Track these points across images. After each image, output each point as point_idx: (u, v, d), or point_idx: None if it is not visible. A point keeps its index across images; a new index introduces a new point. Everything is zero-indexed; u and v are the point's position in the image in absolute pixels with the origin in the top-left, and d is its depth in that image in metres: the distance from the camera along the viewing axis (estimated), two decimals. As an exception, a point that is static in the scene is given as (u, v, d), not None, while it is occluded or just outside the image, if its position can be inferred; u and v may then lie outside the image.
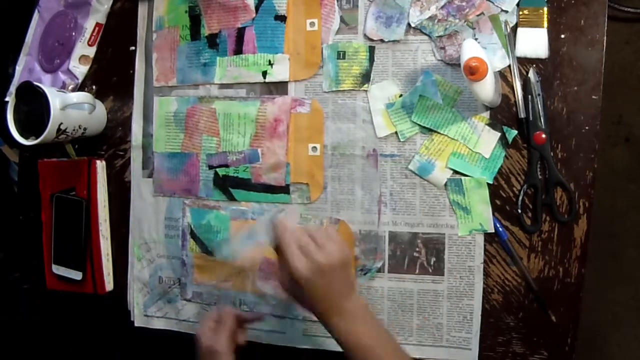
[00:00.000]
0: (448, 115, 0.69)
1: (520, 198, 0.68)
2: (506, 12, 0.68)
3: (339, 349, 0.76)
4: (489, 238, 0.70)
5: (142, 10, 0.82)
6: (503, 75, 0.68)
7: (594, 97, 0.66)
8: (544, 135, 0.66)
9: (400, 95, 0.71)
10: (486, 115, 0.69)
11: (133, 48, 0.82)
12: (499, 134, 0.68)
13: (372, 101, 0.72)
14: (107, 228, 0.83)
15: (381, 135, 0.72)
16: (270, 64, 0.75)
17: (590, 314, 1.34)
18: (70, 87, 0.83)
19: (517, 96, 0.67)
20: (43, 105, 0.72)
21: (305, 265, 0.54)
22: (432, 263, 0.71)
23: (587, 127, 0.66)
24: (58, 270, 0.83)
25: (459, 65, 0.61)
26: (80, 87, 0.84)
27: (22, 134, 0.75)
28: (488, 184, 0.69)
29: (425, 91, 0.70)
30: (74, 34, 0.82)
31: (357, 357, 0.56)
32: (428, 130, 0.70)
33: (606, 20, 0.66)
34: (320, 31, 0.73)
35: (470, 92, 0.68)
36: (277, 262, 0.58)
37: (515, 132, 0.68)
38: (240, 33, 0.76)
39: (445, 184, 0.70)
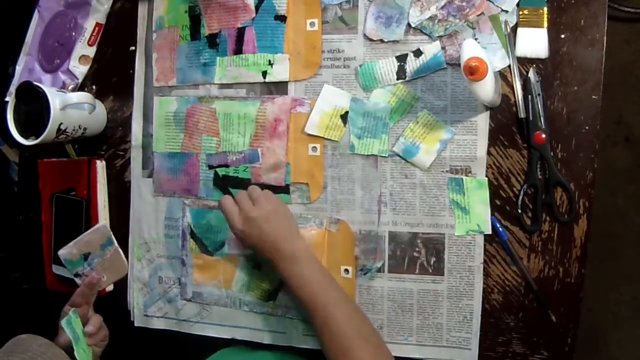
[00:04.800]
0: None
1: (520, 198, 0.68)
2: (506, 12, 0.68)
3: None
4: (489, 238, 0.70)
5: (142, 10, 0.82)
6: (503, 75, 0.69)
7: (594, 97, 0.66)
8: (544, 135, 0.66)
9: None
10: (486, 115, 0.69)
11: (133, 48, 0.82)
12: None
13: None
14: (107, 228, 0.83)
15: (381, 135, 0.72)
16: (270, 63, 0.75)
17: (590, 314, 1.34)
18: (70, 87, 0.83)
19: (517, 96, 0.67)
20: (43, 105, 0.72)
21: (239, 219, 0.67)
22: (432, 263, 0.71)
23: (587, 127, 0.66)
24: (58, 270, 0.83)
25: (459, 65, 0.61)
26: (80, 87, 0.84)
27: (22, 134, 0.75)
28: (488, 183, 0.69)
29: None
30: (74, 34, 0.82)
31: (302, 296, 0.63)
32: (414, 115, 0.71)
33: (606, 20, 0.66)
34: (320, 31, 0.73)
35: (470, 92, 0.68)
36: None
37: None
38: (240, 33, 0.76)
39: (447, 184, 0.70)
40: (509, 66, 0.68)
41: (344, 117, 0.73)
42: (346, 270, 0.73)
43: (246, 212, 0.66)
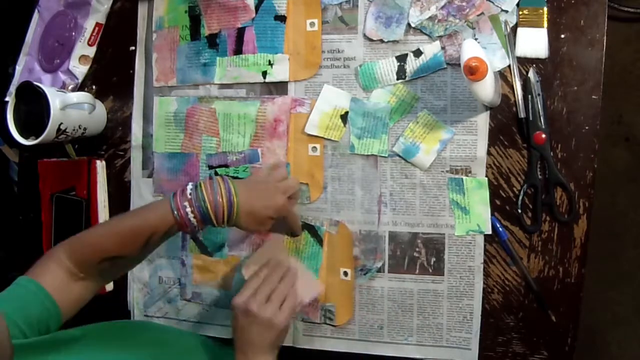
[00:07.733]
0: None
1: (520, 198, 0.68)
2: (506, 12, 0.68)
3: (339, 349, 0.76)
4: (489, 238, 0.70)
5: (142, 10, 0.82)
6: (503, 75, 0.68)
7: (594, 97, 0.66)
8: (544, 135, 0.66)
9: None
10: (486, 115, 0.69)
11: (133, 48, 0.82)
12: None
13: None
14: (107, 228, 0.83)
15: (381, 135, 0.72)
16: (270, 64, 0.75)
17: (590, 314, 1.34)
18: (70, 87, 0.83)
19: (517, 96, 0.67)
20: (43, 105, 0.72)
21: (239, 302, 0.61)
22: (432, 263, 0.71)
23: (587, 127, 0.66)
24: (58, 270, 0.83)
25: (459, 65, 0.61)
26: (80, 87, 0.84)
27: (22, 134, 0.75)
28: (488, 183, 0.69)
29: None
30: (74, 33, 0.82)
31: None
32: (414, 115, 0.71)
33: (606, 20, 0.66)
34: (320, 31, 0.73)
35: (470, 92, 0.68)
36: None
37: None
38: (240, 33, 0.76)
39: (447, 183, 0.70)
40: (509, 66, 0.68)
41: (344, 117, 0.73)
42: (345, 272, 0.73)
43: (250, 302, 0.61)
